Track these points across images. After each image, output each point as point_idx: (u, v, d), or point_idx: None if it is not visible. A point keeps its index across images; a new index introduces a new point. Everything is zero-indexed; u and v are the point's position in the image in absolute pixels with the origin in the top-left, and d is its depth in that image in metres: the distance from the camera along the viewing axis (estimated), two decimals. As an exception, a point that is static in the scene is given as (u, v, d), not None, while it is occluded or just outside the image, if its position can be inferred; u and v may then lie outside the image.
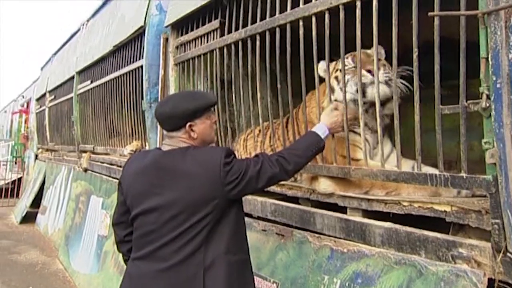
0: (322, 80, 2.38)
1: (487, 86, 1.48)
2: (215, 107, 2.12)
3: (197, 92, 1.97)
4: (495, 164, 1.48)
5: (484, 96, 1.49)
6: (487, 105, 1.48)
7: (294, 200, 2.54)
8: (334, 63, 2.42)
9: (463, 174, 1.60)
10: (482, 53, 1.49)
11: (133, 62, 4.50)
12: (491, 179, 1.50)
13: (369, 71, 2.15)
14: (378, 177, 1.92)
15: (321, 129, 2.02)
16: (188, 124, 1.75)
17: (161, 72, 3.87)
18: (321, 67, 2.39)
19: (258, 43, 2.60)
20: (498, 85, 1.44)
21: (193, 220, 1.66)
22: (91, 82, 5.96)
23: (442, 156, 1.67)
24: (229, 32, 2.92)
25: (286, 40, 2.38)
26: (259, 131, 2.85)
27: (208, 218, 1.67)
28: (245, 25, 2.76)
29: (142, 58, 4.19)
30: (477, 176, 1.56)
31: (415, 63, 1.75)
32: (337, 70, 2.36)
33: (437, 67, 1.64)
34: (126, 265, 1.93)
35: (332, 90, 2.31)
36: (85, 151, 6.28)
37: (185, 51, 3.58)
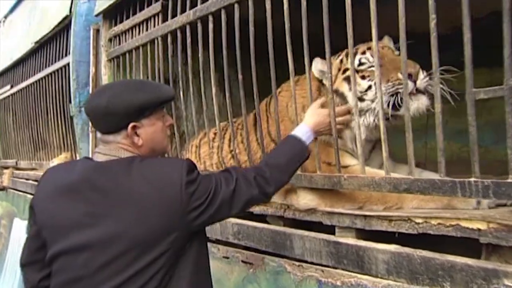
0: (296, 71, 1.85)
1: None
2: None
3: (147, 82, 1.48)
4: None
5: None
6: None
7: (263, 218, 2.07)
8: (338, 60, 1.92)
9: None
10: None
11: (58, 60, 4.05)
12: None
13: (409, 76, 1.59)
14: (382, 188, 1.47)
15: (303, 133, 1.59)
16: (131, 124, 1.27)
17: (92, 69, 3.40)
18: (317, 67, 1.91)
19: (211, 25, 2.11)
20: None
21: (141, 263, 1.18)
22: (11, 87, 5.41)
23: (477, 157, 1.25)
24: (174, 16, 2.41)
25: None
26: (214, 134, 2.35)
27: (163, 260, 1.20)
28: (194, 6, 2.26)
29: (69, 54, 3.69)
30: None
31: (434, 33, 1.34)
32: (345, 70, 1.85)
33: (467, 36, 1.22)
34: None
35: (341, 96, 1.84)
36: (6, 167, 5.62)
37: (120, 43, 3.05)
